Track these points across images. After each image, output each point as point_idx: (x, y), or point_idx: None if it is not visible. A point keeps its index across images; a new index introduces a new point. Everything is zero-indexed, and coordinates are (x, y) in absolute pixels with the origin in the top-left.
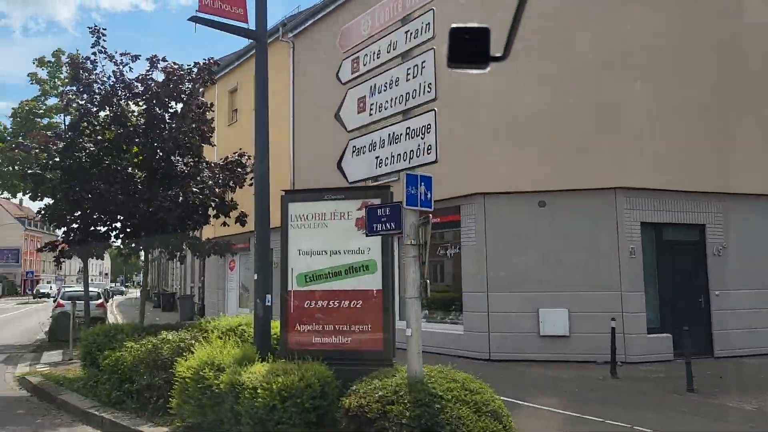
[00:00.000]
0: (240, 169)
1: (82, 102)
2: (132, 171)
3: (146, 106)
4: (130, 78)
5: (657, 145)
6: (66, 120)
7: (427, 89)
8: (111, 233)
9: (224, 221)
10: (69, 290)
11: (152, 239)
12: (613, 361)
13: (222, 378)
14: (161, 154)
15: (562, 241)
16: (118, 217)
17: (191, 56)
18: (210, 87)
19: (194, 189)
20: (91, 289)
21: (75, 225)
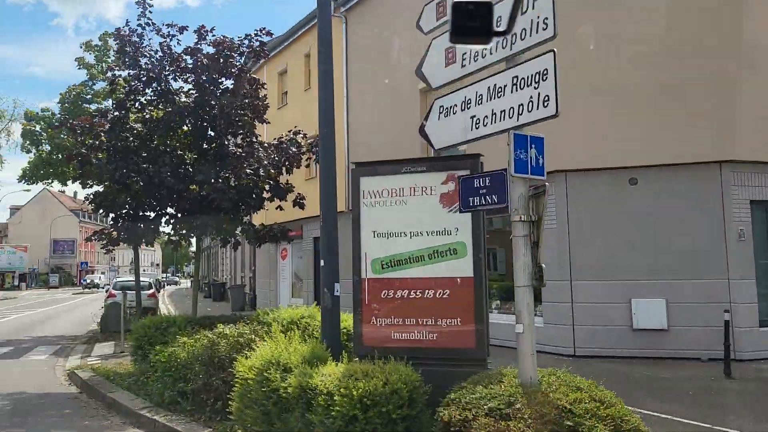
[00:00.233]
0: (294, 149)
1: (129, 78)
2: (182, 152)
3: (196, 81)
4: (178, 51)
5: None
6: (113, 104)
7: (543, 25)
8: (161, 218)
9: (279, 205)
10: (120, 280)
11: (204, 224)
12: (727, 359)
13: (290, 380)
14: (212, 134)
15: (657, 223)
16: (168, 202)
17: None
18: (260, 67)
19: (247, 170)
20: (143, 279)
21: (123, 210)
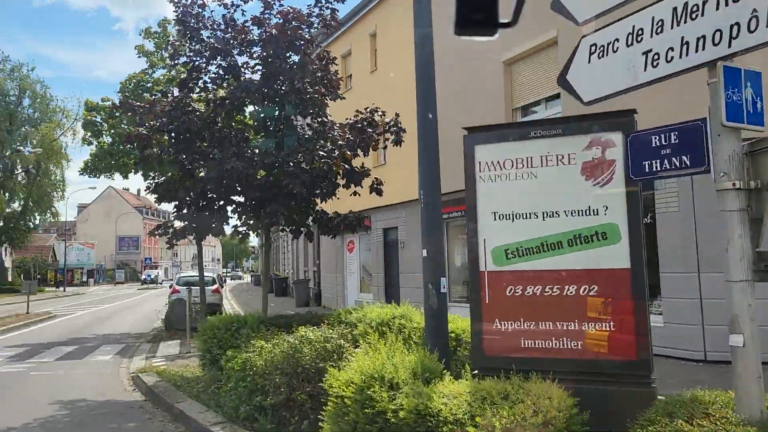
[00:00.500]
0: (370, 129)
1: (191, 54)
2: (247, 134)
3: (263, 56)
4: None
5: None
6: (174, 92)
7: None
8: (227, 208)
9: (354, 191)
10: (184, 276)
11: (274, 213)
12: None
13: (401, 401)
14: (281, 113)
15: None
16: (236, 189)
17: None
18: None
19: (321, 152)
20: (206, 275)
21: (187, 199)
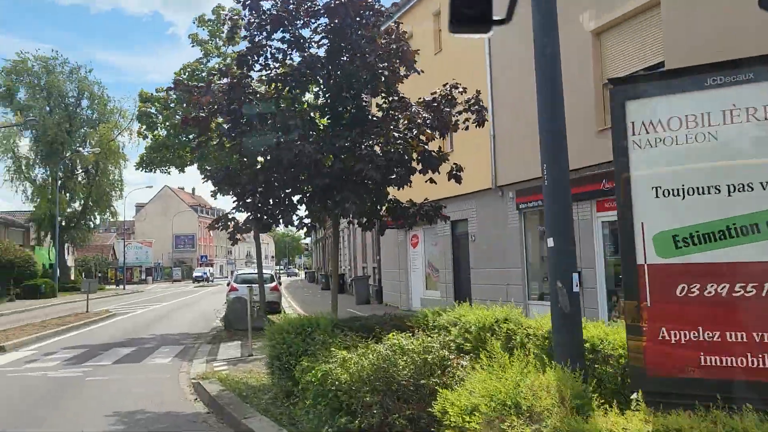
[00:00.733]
0: (448, 109)
1: (250, 27)
2: (313, 115)
3: (329, 27)
4: None
5: None
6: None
7: None
8: (292, 197)
9: (431, 178)
10: (242, 273)
11: (346, 201)
12: None
13: None
14: (350, 92)
15: None
16: (303, 176)
17: None
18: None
19: (395, 134)
20: (264, 272)
21: (249, 187)
